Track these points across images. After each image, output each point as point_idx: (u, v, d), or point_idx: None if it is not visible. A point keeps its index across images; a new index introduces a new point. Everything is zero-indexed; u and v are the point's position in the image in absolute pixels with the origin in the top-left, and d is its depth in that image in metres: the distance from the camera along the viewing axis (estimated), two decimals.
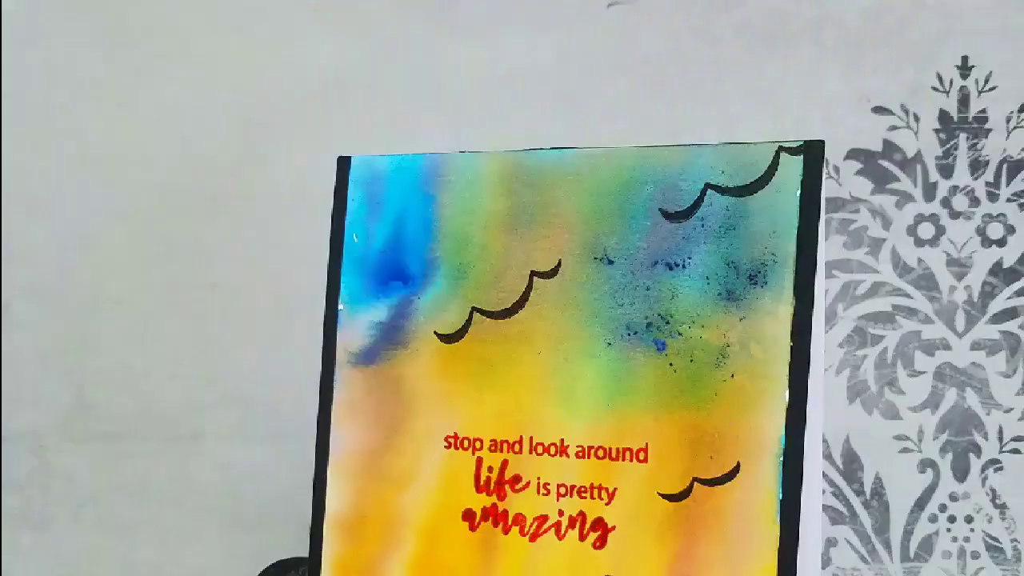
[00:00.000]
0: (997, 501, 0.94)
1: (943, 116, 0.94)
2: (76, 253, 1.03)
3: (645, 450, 0.66)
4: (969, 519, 0.94)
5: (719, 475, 0.64)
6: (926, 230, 0.95)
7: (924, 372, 0.95)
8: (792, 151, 0.65)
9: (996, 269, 0.94)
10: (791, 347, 0.63)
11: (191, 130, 1.02)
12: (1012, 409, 0.93)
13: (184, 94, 1.02)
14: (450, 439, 0.71)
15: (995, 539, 0.94)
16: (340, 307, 0.75)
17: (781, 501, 0.62)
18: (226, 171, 1.01)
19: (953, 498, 0.94)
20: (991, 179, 0.94)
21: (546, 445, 0.69)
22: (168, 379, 1.01)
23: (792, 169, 0.65)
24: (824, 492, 0.94)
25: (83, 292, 1.03)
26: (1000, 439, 0.93)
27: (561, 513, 0.68)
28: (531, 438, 0.69)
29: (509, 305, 0.71)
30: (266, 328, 1.00)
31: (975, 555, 0.94)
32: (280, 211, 1.01)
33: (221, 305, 1.01)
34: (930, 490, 0.94)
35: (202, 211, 1.02)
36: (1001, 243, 0.94)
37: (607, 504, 0.67)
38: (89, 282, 1.03)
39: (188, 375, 1.01)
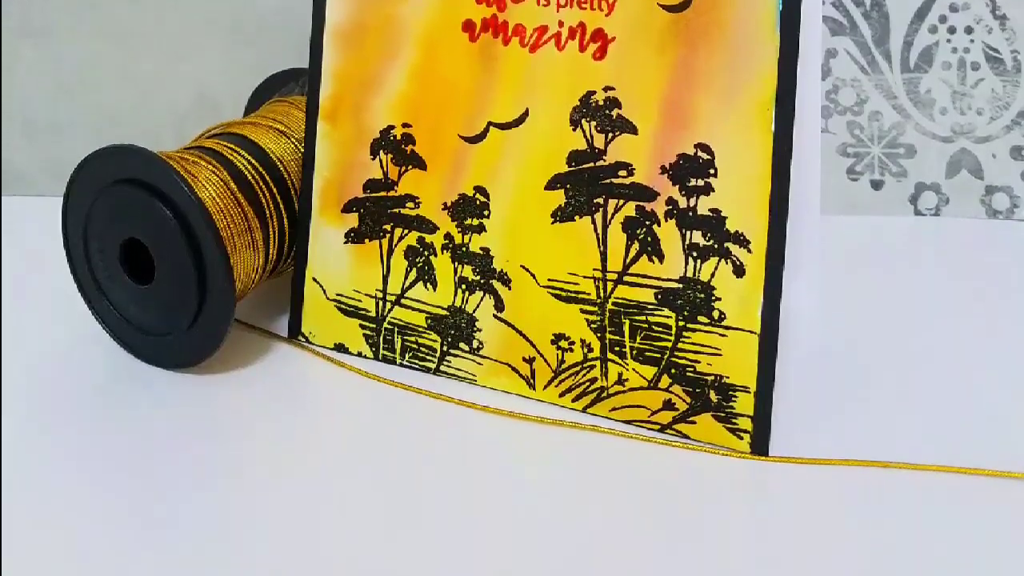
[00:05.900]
0: (997, 12, 0.94)
1: None
2: None
3: None
4: (969, 30, 0.94)
5: None
6: None
7: None
8: None
9: None
10: None
11: None
12: None
13: None
14: None
15: (995, 50, 0.94)
16: None
17: (781, 11, 0.62)
18: None
19: (953, 8, 0.94)
20: None
21: None
22: None
23: None
24: (824, 3, 0.94)
25: None
26: None
27: (561, 24, 0.68)
28: None
29: None
30: None
31: (975, 66, 0.95)
32: None
33: None
34: (930, 0, 0.94)
35: None
36: None
37: (607, 15, 0.67)
38: None
39: None
